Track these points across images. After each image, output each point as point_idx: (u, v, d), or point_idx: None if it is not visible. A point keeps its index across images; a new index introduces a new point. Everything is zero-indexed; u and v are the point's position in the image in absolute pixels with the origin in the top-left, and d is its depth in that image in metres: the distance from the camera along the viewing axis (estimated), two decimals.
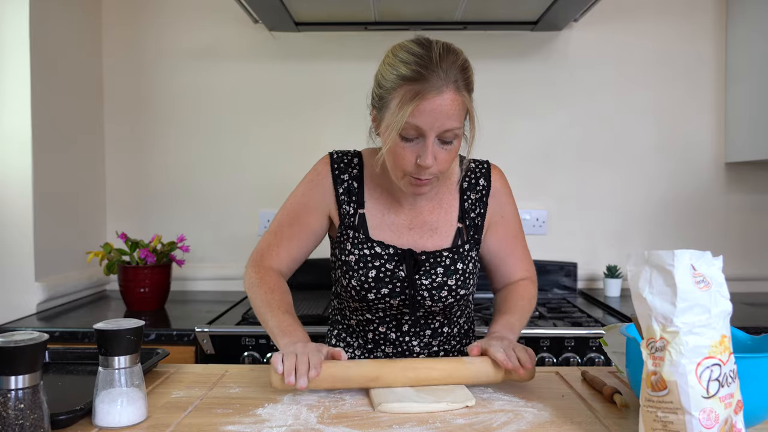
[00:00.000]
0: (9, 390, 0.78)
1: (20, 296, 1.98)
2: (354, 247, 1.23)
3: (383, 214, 1.26)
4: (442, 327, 1.29)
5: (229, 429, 0.90)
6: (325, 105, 2.45)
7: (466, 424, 0.92)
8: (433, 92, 1.05)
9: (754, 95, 2.25)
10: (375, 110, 1.18)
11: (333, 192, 1.26)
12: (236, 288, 2.45)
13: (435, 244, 1.25)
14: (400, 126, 1.07)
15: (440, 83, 1.06)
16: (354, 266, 1.22)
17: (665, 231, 2.47)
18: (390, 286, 1.21)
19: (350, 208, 1.25)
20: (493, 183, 1.29)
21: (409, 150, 1.11)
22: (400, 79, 1.08)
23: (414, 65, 1.07)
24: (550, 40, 2.45)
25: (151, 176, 2.48)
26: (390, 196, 1.27)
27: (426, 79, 1.06)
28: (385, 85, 1.12)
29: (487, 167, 1.31)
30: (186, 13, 2.45)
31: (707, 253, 0.80)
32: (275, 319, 1.14)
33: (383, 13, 2.18)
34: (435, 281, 1.22)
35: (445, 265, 1.23)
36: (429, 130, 1.08)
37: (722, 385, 0.74)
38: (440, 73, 1.06)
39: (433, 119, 1.07)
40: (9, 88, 1.96)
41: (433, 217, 1.27)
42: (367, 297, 1.22)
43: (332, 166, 1.27)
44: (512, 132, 2.46)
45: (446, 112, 1.07)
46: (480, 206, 1.28)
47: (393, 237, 1.25)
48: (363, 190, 1.26)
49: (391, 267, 1.21)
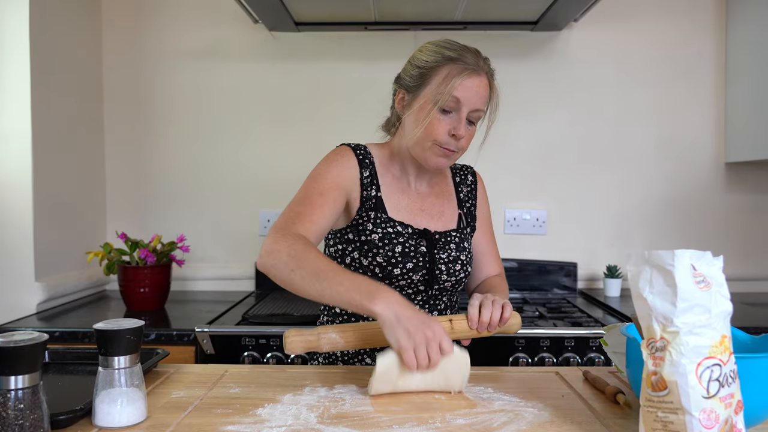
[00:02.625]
0: (9, 390, 0.78)
1: (20, 296, 1.98)
2: (376, 227, 1.30)
3: (398, 197, 1.36)
4: (446, 309, 1.38)
5: (229, 429, 0.90)
6: (325, 105, 2.45)
7: (466, 424, 0.92)
8: (477, 72, 1.24)
9: (754, 95, 2.25)
10: (404, 91, 1.31)
11: (359, 175, 1.32)
12: (236, 288, 2.45)
13: (443, 225, 1.37)
14: (446, 97, 1.22)
15: (479, 68, 1.25)
16: (379, 243, 1.28)
17: (665, 231, 2.47)
18: (414, 260, 1.29)
19: (372, 191, 1.32)
20: (479, 182, 1.48)
21: (444, 122, 1.25)
22: (446, 59, 1.24)
23: (459, 50, 1.25)
24: (550, 40, 2.45)
25: (151, 176, 2.48)
26: (399, 184, 1.37)
27: (469, 61, 1.24)
28: (426, 65, 1.26)
29: (468, 167, 1.50)
30: (186, 13, 2.45)
31: (707, 253, 0.80)
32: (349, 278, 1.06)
33: (383, 13, 2.18)
34: (450, 256, 1.33)
35: (456, 242, 1.35)
36: (466, 104, 1.24)
37: (722, 385, 0.74)
38: (479, 62, 1.26)
39: (471, 95, 1.23)
40: (9, 88, 1.96)
41: (438, 202, 1.40)
42: (393, 273, 1.28)
43: (355, 152, 1.34)
44: (512, 132, 2.46)
45: (481, 93, 1.25)
46: (471, 198, 1.45)
47: (409, 218, 1.34)
48: (377, 177, 1.35)
49: (413, 243, 1.30)
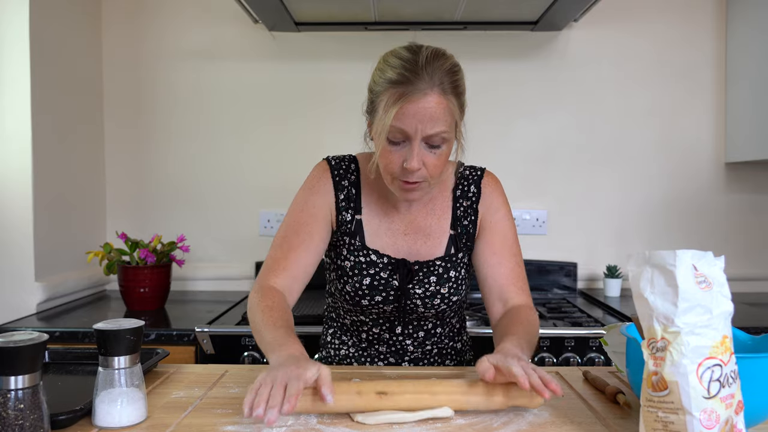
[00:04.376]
0: (9, 390, 0.78)
1: (20, 296, 1.97)
2: (350, 254, 1.23)
3: (380, 219, 1.26)
4: (435, 328, 1.30)
5: (229, 429, 0.89)
6: (325, 105, 2.45)
7: (466, 424, 0.92)
8: (417, 95, 1.06)
9: (754, 95, 2.25)
10: (368, 116, 1.18)
11: (334, 198, 1.25)
12: (236, 288, 2.45)
13: (428, 251, 1.25)
14: (386, 129, 1.08)
15: (424, 86, 1.06)
16: (349, 272, 1.23)
17: (665, 231, 2.47)
18: (384, 294, 1.22)
19: (348, 215, 1.25)
20: (483, 189, 1.27)
21: (396, 154, 1.11)
22: (387, 82, 1.08)
23: (400, 69, 1.08)
24: (550, 40, 2.45)
25: (151, 176, 2.48)
26: (386, 201, 1.27)
27: (411, 81, 1.06)
28: (374, 90, 1.13)
29: (480, 174, 1.29)
30: (186, 12, 2.45)
31: (709, 253, 0.80)
32: (269, 335, 1.05)
33: (383, 13, 2.18)
34: (428, 290, 1.22)
35: (438, 273, 1.23)
36: (413, 132, 1.08)
37: (723, 385, 0.74)
38: (425, 77, 1.06)
39: (417, 122, 1.07)
40: (9, 88, 1.95)
41: (427, 223, 1.26)
42: (361, 303, 1.23)
43: (332, 172, 1.26)
44: (512, 132, 2.46)
45: (430, 114, 1.07)
46: (471, 213, 1.27)
47: (389, 243, 1.25)
48: (360, 195, 1.26)
49: (385, 276, 1.22)
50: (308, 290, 2.26)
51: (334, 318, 1.37)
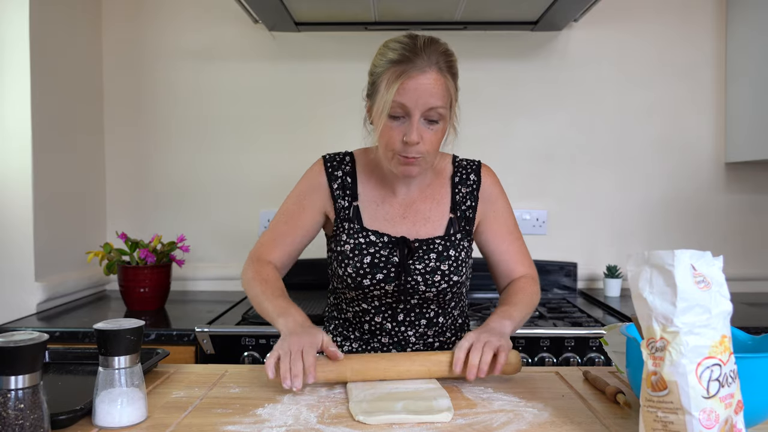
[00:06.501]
0: (9, 390, 0.78)
1: (20, 296, 1.98)
2: (349, 237, 1.28)
3: (377, 205, 1.32)
4: (437, 317, 1.33)
5: (229, 429, 0.90)
6: (325, 105, 2.45)
7: (466, 424, 0.92)
8: (416, 71, 1.15)
9: (754, 95, 2.25)
10: (368, 99, 1.26)
11: (328, 189, 1.32)
12: (236, 288, 2.45)
13: (428, 232, 1.30)
14: (388, 104, 1.16)
15: (423, 64, 1.15)
16: (349, 254, 1.27)
17: (665, 231, 2.47)
18: (384, 271, 1.26)
19: (345, 202, 1.31)
20: (484, 179, 1.35)
21: (396, 129, 1.18)
22: (389, 63, 1.17)
23: (400, 50, 1.17)
24: (550, 40, 2.45)
25: (151, 176, 2.48)
26: (383, 187, 1.32)
27: (410, 60, 1.15)
28: (375, 72, 1.21)
29: (477, 165, 1.38)
30: (186, 13, 2.45)
31: (707, 253, 0.80)
32: (271, 305, 1.20)
33: (383, 13, 2.18)
34: (428, 266, 1.26)
35: (438, 251, 1.28)
36: (413, 107, 1.16)
37: (722, 385, 0.74)
38: (423, 56, 1.16)
39: (417, 96, 1.15)
40: (9, 88, 1.96)
41: (426, 207, 1.32)
42: (363, 283, 1.26)
43: (325, 165, 1.34)
44: (512, 132, 2.46)
45: (429, 90, 1.15)
46: (471, 199, 1.34)
47: (387, 226, 1.30)
48: (356, 184, 1.33)
49: (385, 253, 1.27)
50: (308, 290, 2.29)
51: (336, 316, 1.39)
